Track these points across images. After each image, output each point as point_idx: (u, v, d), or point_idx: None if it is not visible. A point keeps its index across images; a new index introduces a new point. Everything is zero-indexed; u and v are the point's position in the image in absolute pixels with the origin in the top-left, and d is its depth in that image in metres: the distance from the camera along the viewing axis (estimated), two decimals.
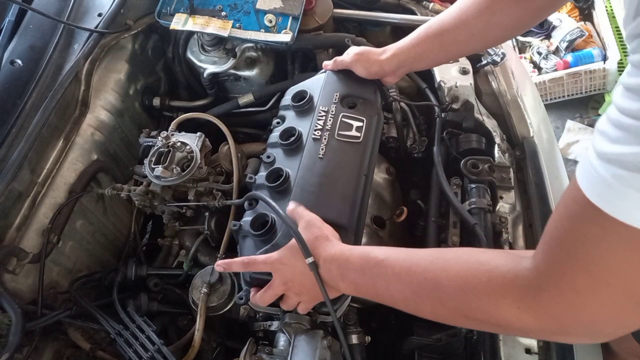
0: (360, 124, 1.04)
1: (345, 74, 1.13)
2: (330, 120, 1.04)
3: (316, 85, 1.12)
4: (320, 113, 1.05)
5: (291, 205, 0.88)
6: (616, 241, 0.44)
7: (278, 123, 1.10)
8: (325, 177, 0.96)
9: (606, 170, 0.43)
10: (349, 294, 0.81)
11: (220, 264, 0.86)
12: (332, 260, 0.77)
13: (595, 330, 0.52)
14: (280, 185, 0.95)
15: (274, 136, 1.06)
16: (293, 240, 0.82)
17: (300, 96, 1.10)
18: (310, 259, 0.77)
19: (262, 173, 1.00)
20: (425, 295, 0.66)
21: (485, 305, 0.59)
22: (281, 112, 1.13)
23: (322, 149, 0.99)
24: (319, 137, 1.01)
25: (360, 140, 1.02)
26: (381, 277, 0.71)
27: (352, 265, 0.75)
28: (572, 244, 0.49)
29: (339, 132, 1.02)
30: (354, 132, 1.03)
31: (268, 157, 1.02)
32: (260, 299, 0.85)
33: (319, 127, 1.03)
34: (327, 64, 1.14)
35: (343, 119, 1.04)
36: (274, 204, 0.87)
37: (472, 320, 0.64)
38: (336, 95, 1.08)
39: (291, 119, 1.09)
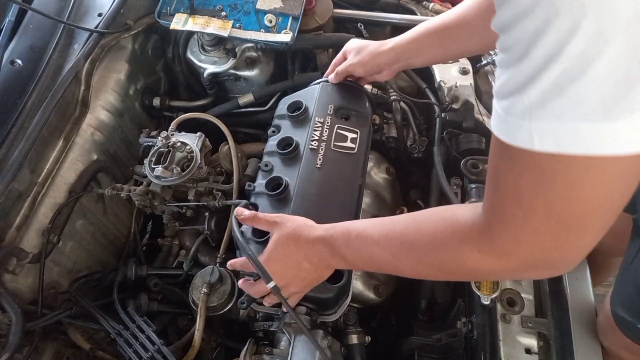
0: (354, 135, 1.07)
1: (338, 85, 1.15)
2: (326, 131, 1.06)
3: (310, 96, 1.14)
4: (316, 124, 1.07)
5: (246, 213, 0.89)
6: (522, 168, 0.47)
7: (274, 132, 1.12)
8: (324, 187, 0.99)
9: (497, 105, 0.47)
10: (341, 268, 0.85)
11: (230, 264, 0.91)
12: (319, 241, 0.80)
13: (547, 258, 0.55)
14: (280, 193, 0.96)
15: (271, 145, 1.08)
16: (278, 235, 0.84)
17: (295, 106, 1.12)
18: (271, 284, 0.79)
19: (261, 181, 1.01)
20: (403, 257, 0.71)
21: (454, 255, 0.63)
22: (276, 121, 1.14)
23: (320, 159, 1.01)
24: (316, 147, 1.03)
25: (355, 151, 1.05)
26: (363, 247, 0.75)
27: (337, 241, 0.79)
28: (499, 180, 0.53)
29: (335, 143, 1.05)
30: (349, 144, 1.06)
31: (266, 165, 1.04)
32: (254, 293, 0.88)
33: (316, 137, 1.05)
34: (332, 78, 1.15)
35: (338, 130, 1.07)
36: (238, 234, 0.88)
37: (446, 272, 0.69)
38: (331, 107, 1.10)
39: (287, 128, 1.11)
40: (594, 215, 0.49)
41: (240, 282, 0.91)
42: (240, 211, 0.90)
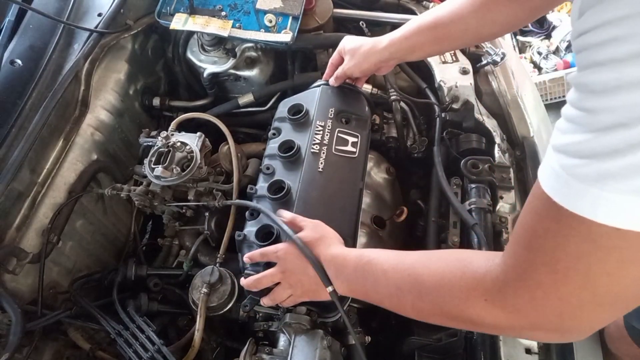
0: (355, 139, 1.08)
1: (338, 89, 1.16)
2: (327, 135, 1.07)
3: (310, 99, 1.14)
4: (317, 127, 1.08)
5: (286, 214, 0.91)
6: (570, 233, 0.44)
7: (274, 134, 1.12)
8: (326, 191, 0.99)
9: (557, 161, 0.44)
10: (342, 293, 0.83)
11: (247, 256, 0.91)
12: (331, 260, 0.81)
13: (562, 326, 0.53)
14: (282, 197, 0.97)
15: (272, 147, 1.08)
16: (304, 234, 0.85)
17: (296, 109, 1.12)
18: (330, 288, 0.80)
19: (263, 184, 1.02)
20: (407, 291, 0.69)
21: (458, 300, 0.61)
22: (277, 124, 1.14)
23: (322, 163, 1.02)
24: (317, 151, 1.04)
25: (356, 155, 1.05)
26: (370, 274, 0.74)
27: (348, 264, 0.79)
28: (533, 238, 0.49)
29: (336, 147, 1.06)
30: (350, 148, 1.06)
31: (267, 168, 1.04)
32: (257, 282, 0.88)
33: (317, 141, 1.05)
34: (332, 82, 1.16)
35: (339, 134, 1.08)
36: (282, 223, 0.89)
37: (447, 315, 0.65)
38: (331, 111, 1.11)
39: (288, 131, 1.11)
40: (632, 296, 0.47)
41: (242, 280, 0.91)
42: (282, 212, 0.92)
